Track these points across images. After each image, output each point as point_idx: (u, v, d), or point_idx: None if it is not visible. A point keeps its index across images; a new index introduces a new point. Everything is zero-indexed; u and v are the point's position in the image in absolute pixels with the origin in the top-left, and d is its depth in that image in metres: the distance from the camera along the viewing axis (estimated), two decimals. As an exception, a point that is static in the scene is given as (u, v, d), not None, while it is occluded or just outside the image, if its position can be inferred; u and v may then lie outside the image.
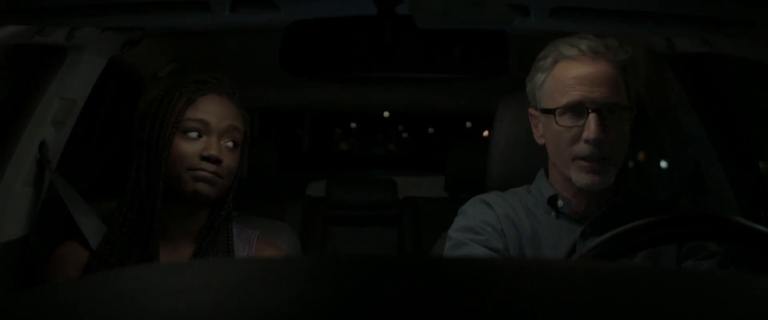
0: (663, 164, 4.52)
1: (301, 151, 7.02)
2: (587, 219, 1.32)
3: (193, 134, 1.32)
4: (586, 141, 1.25)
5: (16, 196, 1.44)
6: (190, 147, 1.31)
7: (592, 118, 1.25)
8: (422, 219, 2.46)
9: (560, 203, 1.34)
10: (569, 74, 1.28)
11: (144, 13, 1.15)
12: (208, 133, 1.32)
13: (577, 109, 1.27)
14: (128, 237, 1.34)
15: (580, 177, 1.27)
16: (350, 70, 1.13)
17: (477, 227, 1.33)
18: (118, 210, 1.36)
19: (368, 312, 0.35)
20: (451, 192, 2.44)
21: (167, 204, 1.34)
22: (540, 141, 1.37)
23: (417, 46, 1.09)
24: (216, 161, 1.30)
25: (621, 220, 1.32)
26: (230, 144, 1.34)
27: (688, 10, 1.13)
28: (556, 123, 1.28)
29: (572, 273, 0.44)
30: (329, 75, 1.24)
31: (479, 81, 1.54)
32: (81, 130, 1.78)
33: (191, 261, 1.08)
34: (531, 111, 1.38)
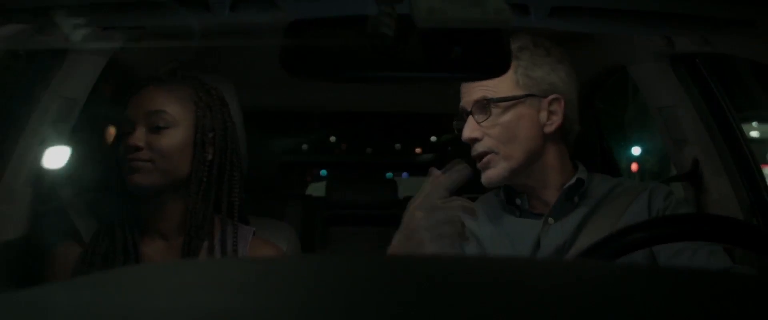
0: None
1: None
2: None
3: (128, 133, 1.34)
4: (466, 142, 1.35)
5: (16, 196, 1.44)
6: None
7: (467, 120, 1.34)
8: None
9: (518, 201, 1.39)
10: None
11: (144, 12, 1.15)
12: (134, 127, 1.33)
13: (463, 115, 1.37)
14: (111, 236, 1.35)
15: (482, 176, 1.36)
16: (350, 70, 1.13)
17: None
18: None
19: (369, 312, 0.35)
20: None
21: (143, 204, 1.35)
22: None
23: (418, 46, 1.08)
24: (134, 149, 1.31)
25: (581, 204, 1.36)
26: (153, 128, 1.33)
27: (688, 10, 1.13)
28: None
29: (568, 273, 0.44)
30: (329, 75, 1.23)
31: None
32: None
33: (191, 261, 1.08)
34: None
